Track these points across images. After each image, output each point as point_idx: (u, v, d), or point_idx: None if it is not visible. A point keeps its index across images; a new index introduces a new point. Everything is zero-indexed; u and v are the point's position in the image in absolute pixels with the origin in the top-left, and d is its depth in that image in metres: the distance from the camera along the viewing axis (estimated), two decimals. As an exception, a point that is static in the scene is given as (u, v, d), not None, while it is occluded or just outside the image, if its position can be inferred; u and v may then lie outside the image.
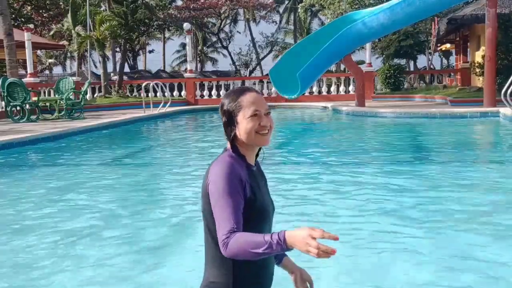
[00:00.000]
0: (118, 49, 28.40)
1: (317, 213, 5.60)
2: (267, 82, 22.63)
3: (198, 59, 45.23)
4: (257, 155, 1.95)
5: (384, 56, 29.25)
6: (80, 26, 23.35)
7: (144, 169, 8.77)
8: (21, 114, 16.13)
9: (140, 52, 46.29)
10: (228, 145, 1.87)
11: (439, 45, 31.06)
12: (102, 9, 25.37)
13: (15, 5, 31.54)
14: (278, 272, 2.03)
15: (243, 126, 1.82)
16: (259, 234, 1.65)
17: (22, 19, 31.84)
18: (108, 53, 30.17)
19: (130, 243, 4.82)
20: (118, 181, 7.74)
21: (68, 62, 47.32)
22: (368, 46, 23.55)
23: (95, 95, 23.34)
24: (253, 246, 1.61)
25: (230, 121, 1.84)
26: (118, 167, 9.09)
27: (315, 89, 23.46)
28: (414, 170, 7.81)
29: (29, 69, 20.20)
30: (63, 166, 9.13)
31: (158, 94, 20.28)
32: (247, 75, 42.13)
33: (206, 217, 1.84)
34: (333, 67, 32.27)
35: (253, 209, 1.79)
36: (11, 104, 15.87)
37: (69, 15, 23.73)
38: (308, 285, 2.04)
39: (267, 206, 1.89)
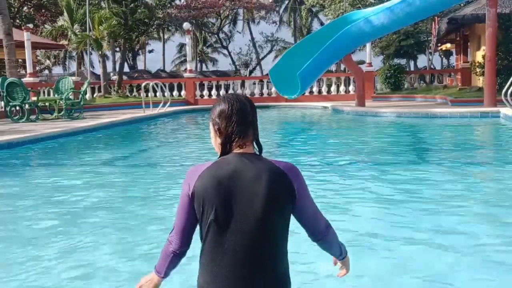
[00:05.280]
0: (117, 49, 28.34)
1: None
2: (267, 82, 22.59)
3: (198, 59, 45.20)
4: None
5: (384, 56, 29.19)
6: (77, 25, 23.27)
7: (143, 169, 8.73)
8: (20, 114, 16.09)
9: (140, 52, 46.25)
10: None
11: (439, 44, 31.02)
12: (103, 7, 25.27)
13: (16, 3, 31.51)
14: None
15: None
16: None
17: (19, 17, 31.79)
18: (108, 53, 30.11)
19: (129, 243, 4.79)
20: (118, 181, 7.71)
21: (67, 62, 47.25)
22: (368, 46, 23.53)
23: (94, 95, 23.29)
24: None
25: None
26: (117, 167, 9.07)
27: (315, 89, 23.42)
28: (414, 170, 7.78)
29: (29, 69, 20.17)
30: (62, 166, 9.09)
31: (158, 94, 20.25)
32: (247, 75, 42.07)
33: None
34: (333, 67, 32.25)
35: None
36: (11, 104, 15.83)
37: (65, 14, 23.64)
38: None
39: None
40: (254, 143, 1.94)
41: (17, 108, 16.19)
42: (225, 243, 1.83)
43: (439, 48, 33.66)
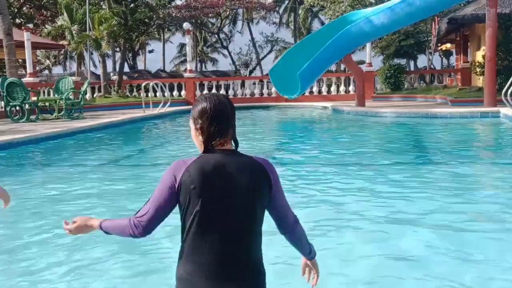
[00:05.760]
0: (117, 49, 28.36)
1: (316, 212, 5.57)
2: (267, 82, 22.60)
3: (198, 59, 45.23)
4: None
5: (384, 55, 29.21)
6: (77, 26, 23.28)
7: (144, 169, 8.77)
8: (20, 114, 16.11)
9: (140, 52, 46.26)
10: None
11: (439, 45, 31.04)
12: (103, 7, 25.28)
13: (16, 3, 31.52)
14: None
15: None
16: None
17: (23, 17, 31.82)
18: (108, 52, 30.09)
19: (129, 243, 4.78)
20: (118, 181, 7.72)
21: (67, 62, 47.25)
22: (368, 46, 23.54)
23: (94, 95, 23.30)
24: None
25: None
26: (117, 167, 9.08)
27: (315, 89, 23.44)
28: (413, 170, 7.83)
29: (29, 69, 20.18)
30: (62, 166, 9.12)
31: (158, 94, 20.27)
32: (247, 75, 42.09)
33: None
34: (333, 67, 32.28)
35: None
36: (11, 104, 15.85)
37: (65, 14, 23.64)
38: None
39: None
40: (232, 141, 2.05)
41: (17, 108, 16.21)
42: (210, 233, 1.92)
43: (439, 48, 33.66)
